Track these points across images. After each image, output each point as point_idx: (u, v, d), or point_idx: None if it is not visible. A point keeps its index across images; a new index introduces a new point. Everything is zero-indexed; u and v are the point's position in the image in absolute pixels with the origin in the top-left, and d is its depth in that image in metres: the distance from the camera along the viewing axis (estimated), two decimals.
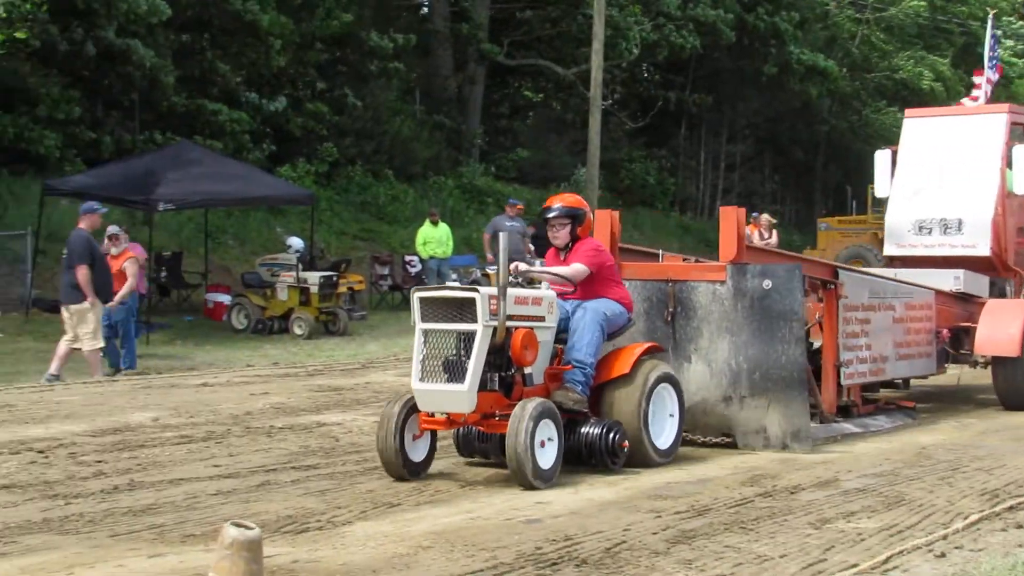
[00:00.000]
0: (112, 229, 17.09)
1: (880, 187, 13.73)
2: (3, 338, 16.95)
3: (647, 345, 9.36)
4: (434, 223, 26.92)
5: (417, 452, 8.55)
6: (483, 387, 8.20)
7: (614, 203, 38.43)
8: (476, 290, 8.22)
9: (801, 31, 43.55)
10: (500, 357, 8.34)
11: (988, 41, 16.91)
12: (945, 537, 7.04)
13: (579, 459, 8.70)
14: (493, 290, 8.18)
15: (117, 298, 16.17)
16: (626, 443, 8.66)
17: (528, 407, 7.94)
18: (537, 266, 9.87)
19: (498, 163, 39.89)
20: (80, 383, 15.52)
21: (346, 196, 30.91)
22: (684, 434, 9.81)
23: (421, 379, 8.31)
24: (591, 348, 8.74)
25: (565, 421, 8.42)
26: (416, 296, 8.50)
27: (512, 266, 8.69)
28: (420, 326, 8.41)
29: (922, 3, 47.34)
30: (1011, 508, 7.94)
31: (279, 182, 28.03)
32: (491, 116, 42.42)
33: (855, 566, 6.35)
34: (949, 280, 12.63)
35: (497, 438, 8.44)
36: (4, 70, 28.68)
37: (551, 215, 9.36)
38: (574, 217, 9.24)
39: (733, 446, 10.06)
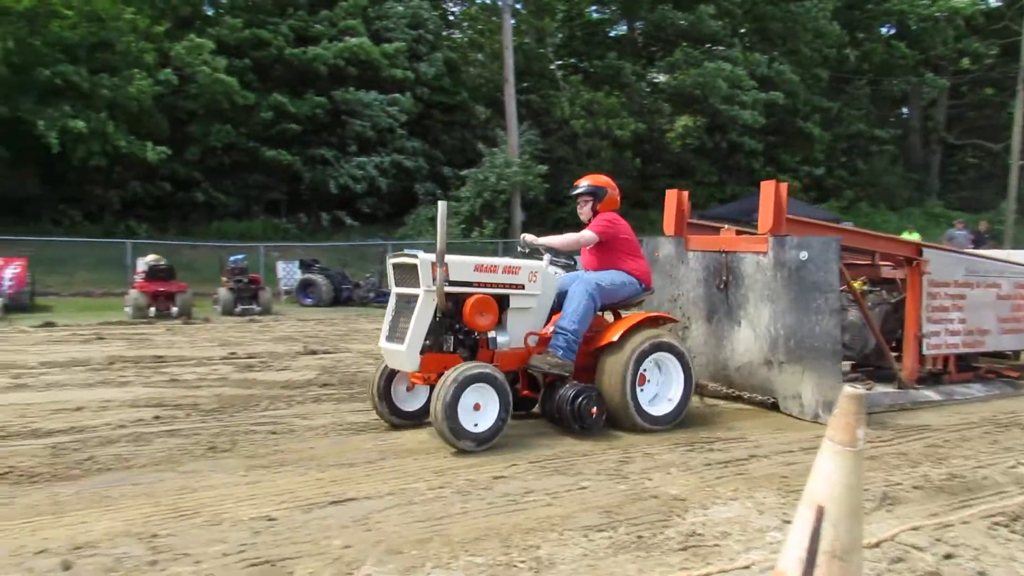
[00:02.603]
0: None
1: None
2: None
3: (643, 315, 5.49)
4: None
5: (413, 403, 5.32)
6: (439, 348, 4.96)
7: None
8: (416, 256, 4.89)
9: None
10: (458, 320, 4.99)
11: None
12: None
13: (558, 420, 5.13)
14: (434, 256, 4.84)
15: None
16: (594, 410, 4.98)
17: (452, 373, 4.62)
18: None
19: (947, 199, 35.00)
20: None
21: (857, 220, 28.65)
22: (732, 392, 6.21)
23: (387, 339, 5.02)
24: (575, 316, 5.16)
25: (547, 383, 5.19)
26: (389, 262, 5.21)
27: (521, 237, 5.66)
28: (394, 290, 5.16)
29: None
30: None
31: (814, 209, 26.10)
32: (944, 173, 37.23)
33: None
34: None
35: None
36: (679, 157, 29.70)
37: (576, 192, 5.76)
38: (595, 195, 5.67)
39: (777, 407, 5.88)
